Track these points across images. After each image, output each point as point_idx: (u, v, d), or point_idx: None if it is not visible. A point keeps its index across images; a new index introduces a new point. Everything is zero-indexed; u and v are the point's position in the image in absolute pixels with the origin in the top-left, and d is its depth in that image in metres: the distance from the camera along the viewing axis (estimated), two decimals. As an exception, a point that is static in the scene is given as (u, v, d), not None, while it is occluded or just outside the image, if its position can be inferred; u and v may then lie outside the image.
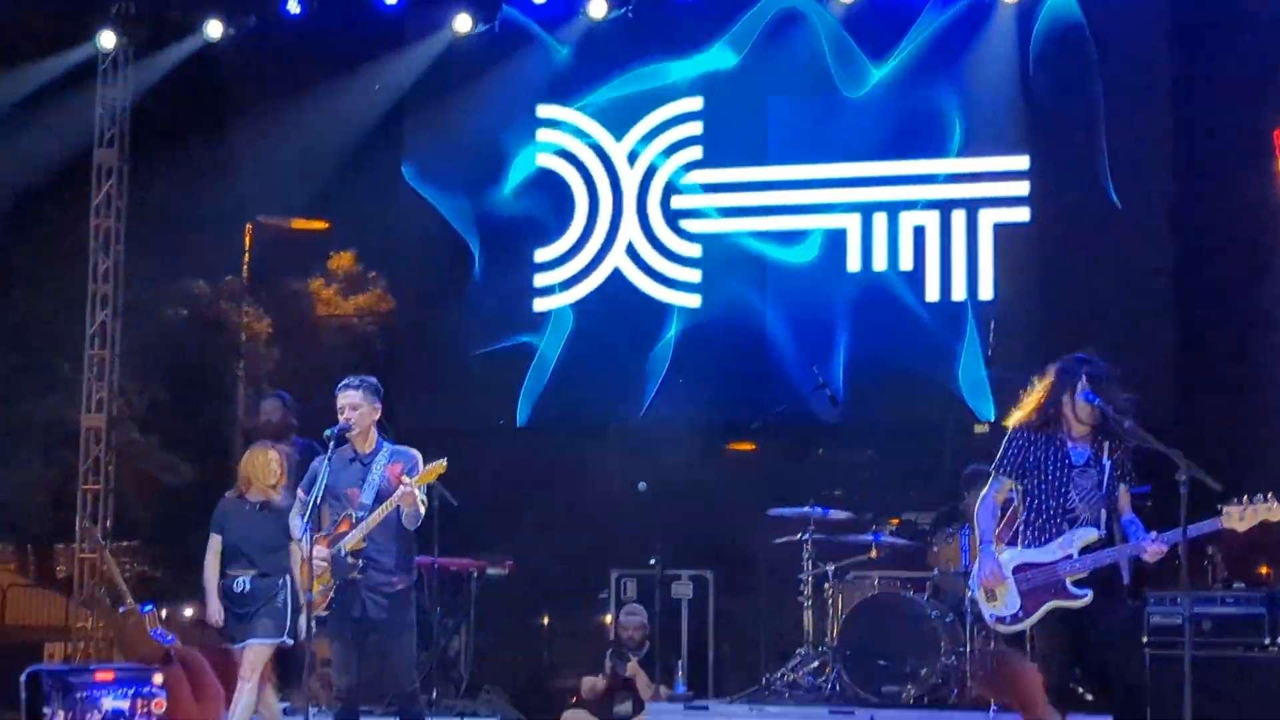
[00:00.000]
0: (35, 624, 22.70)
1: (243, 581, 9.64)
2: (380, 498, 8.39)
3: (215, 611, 9.82)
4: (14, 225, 17.51)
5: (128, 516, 17.38)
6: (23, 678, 1.88)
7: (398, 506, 8.32)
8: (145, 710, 1.70)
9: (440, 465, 8.51)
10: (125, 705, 1.70)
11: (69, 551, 17.15)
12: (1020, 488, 7.71)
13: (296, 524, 8.75)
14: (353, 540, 8.35)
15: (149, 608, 12.29)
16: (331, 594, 8.36)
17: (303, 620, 9.35)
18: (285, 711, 10.39)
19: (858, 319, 14.26)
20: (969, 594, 10.55)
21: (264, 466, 9.86)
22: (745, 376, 14.42)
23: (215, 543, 9.85)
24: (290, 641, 9.73)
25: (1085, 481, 7.54)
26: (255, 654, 9.51)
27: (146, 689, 1.70)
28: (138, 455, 18.58)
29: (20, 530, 23.90)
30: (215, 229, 20.02)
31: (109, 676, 1.68)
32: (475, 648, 12.47)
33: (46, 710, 1.76)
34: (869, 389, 14.09)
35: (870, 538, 11.94)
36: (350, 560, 8.34)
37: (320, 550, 8.36)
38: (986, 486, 7.83)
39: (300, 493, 8.73)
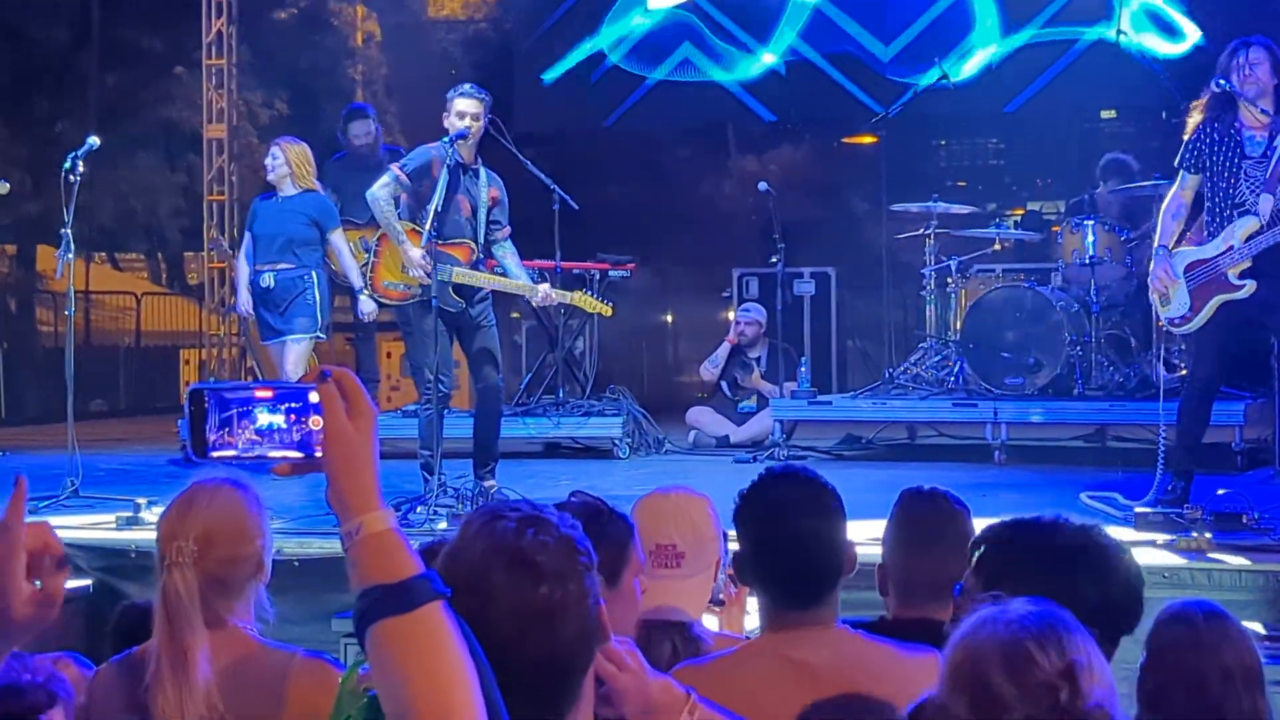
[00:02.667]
0: (171, 330, 23.23)
1: (269, 276, 9.62)
2: (483, 221, 8.32)
3: (244, 301, 9.96)
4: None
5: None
6: (186, 394, 1.97)
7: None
8: (302, 426, 1.75)
9: (606, 308, 8.53)
10: (281, 420, 1.76)
11: (199, 259, 17.43)
12: (1201, 182, 7.50)
13: (385, 207, 8.35)
14: (463, 278, 8.26)
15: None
16: (414, 299, 8.28)
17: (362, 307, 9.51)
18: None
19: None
20: (1094, 284, 10.50)
21: (310, 160, 9.82)
22: (863, 68, 14.14)
23: (247, 240, 9.94)
24: (324, 337, 9.78)
25: (1257, 172, 7.32)
26: (293, 353, 9.55)
27: (302, 406, 1.75)
28: (259, 164, 18.71)
29: (152, 238, 24.35)
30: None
31: (267, 394, 1.74)
32: (600, 348, 12.61)
33: (206, 424, 1.83)
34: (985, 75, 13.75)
35: (994, 230, 11.83)
36: (454, 296, 8.25)
37: (419, 255, 8.19)
38: (1175, 184, 7.64)
39: (398, 170, 8.51)
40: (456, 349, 8.61)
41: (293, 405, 2.07)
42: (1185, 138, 7.53)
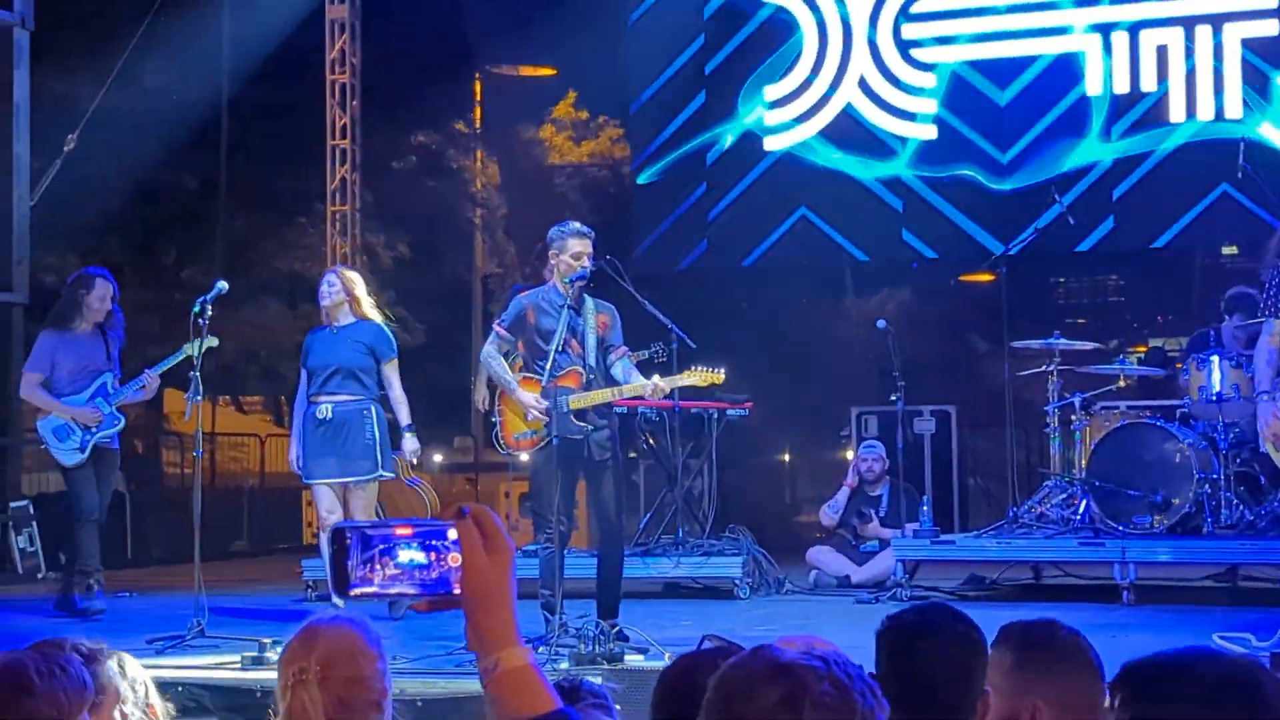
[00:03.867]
0: (293, 471, 23.41)
1: (327, 408, 9.30)
2: (597, 351, 8.37)
3: (294, 457, 9.65)
4: (251, 90, 17.86)
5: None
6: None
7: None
8: (441, 563, 1.77)
9: (718, 375, 8.50)
10: (420, 557, 1.77)
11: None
12: None
13: (495, 364, 8.46)
14: (581, 402, 8.32)
15: (398, 455, 12.62)
16: (544, 442, 8.30)
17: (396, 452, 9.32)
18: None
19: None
20: (1222, 420, 10.34)
21: (364, 287, 9.58)
22: (979, 206, 14.15)
23: (303, 379, 9.58)
24: (389, 475, 9.46)
25: None
26: (358, 499, 9.25)
27: (442, 543, 1.77)
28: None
29: (272, 380, 24.70)
30: (446, 79, 20.22)
31: (407, 531, 1.76)
32: (718, 487, 12.57)
33: (349, 562, 1.84)
34: (1108, 214, 13.72)
35: (1117, 367, 11.71)
36: (575, 422, 8.30)
37: (531, 398, 8.28)
38: (1263, 332, 7.55)
39: (500, 328, 8.57)
40: (580, 491, 8.64)
41: (432, 542, 2.08)
42: (1267, 282, 7.45)
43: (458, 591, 2.05)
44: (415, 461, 9.83)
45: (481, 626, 2.04)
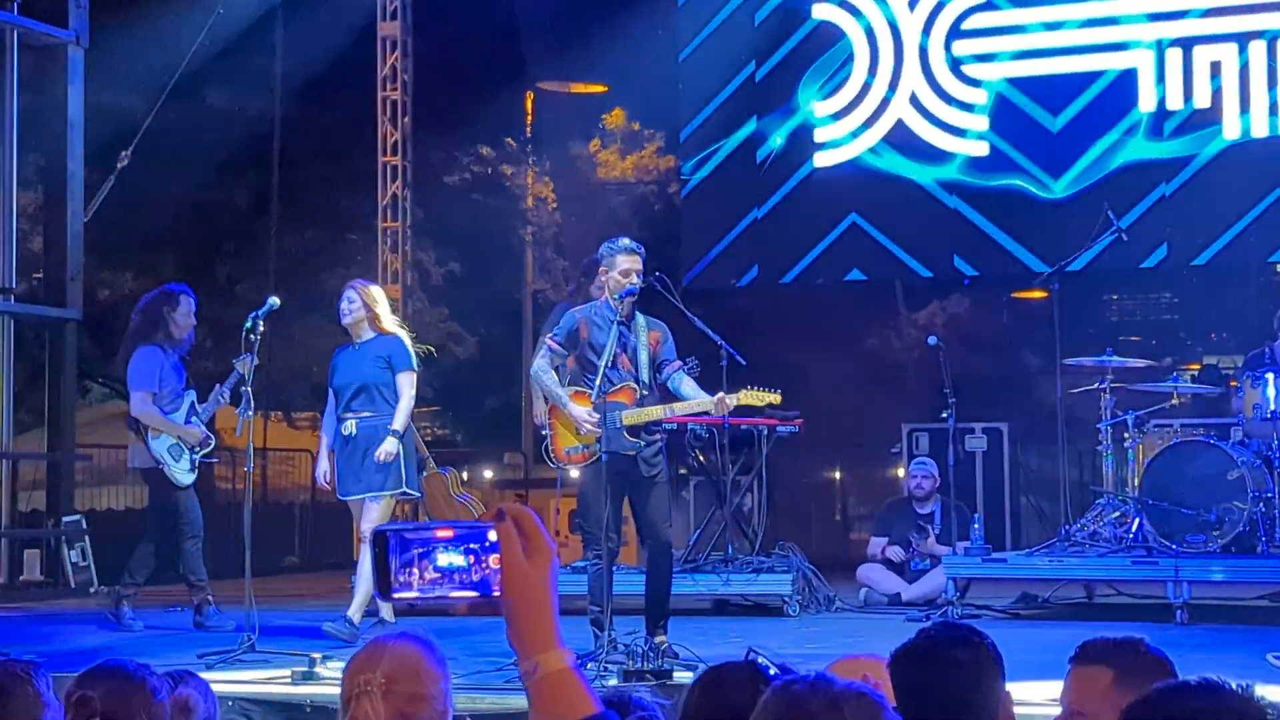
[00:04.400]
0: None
1: (351, 424, 9.38)
2: (650, 369, 8.37)
3: (322, 472, 9.70)
4: (303, 107, 17.94)
5: (419, 385, 17.85)
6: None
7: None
8: (481, 566, 1.76)
9: (775, 396, 8.48)
10: (461, 560, 1.76)
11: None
12: None
13: (545, 378, 8.51)
14: (633, 417, 8.32)
15: (448, 470, 12.65)
16: (594, 458, 8.29)
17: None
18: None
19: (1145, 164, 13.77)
20: (1276, 438, 10.25)
21: (385, 303, 9.64)
22: (1031, 223, 14.08)
23: (330, 399, 9.69)
24: (413, 494, 9.50)
25: None
26: (373, 511, 9.27)
27: (482, 546, 1.76)
28: (426, 327, 19.04)
29: (322, 396, 24.78)
30: (497, 95, 20.27)
31: (448, 534, 1.76)
32: (768, 504, 12.54)
33: (390, 565, 1.85)
34: (1160, 232, 13.63)
35: (1170, 384, 11.63)
36: (628, 437, 8.31)
37: (583, 411, 8.31)
38: None
39: (552, 342, 8.61)
40: (626, 506, 8.64)
41: (473, 545, 2.07)
42: None
43: (498, 594, 2.04)
44: (382, 459, 9.36)
45: (521, 629, 2.03)
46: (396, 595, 2.10)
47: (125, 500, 21.25)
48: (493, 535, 2.06)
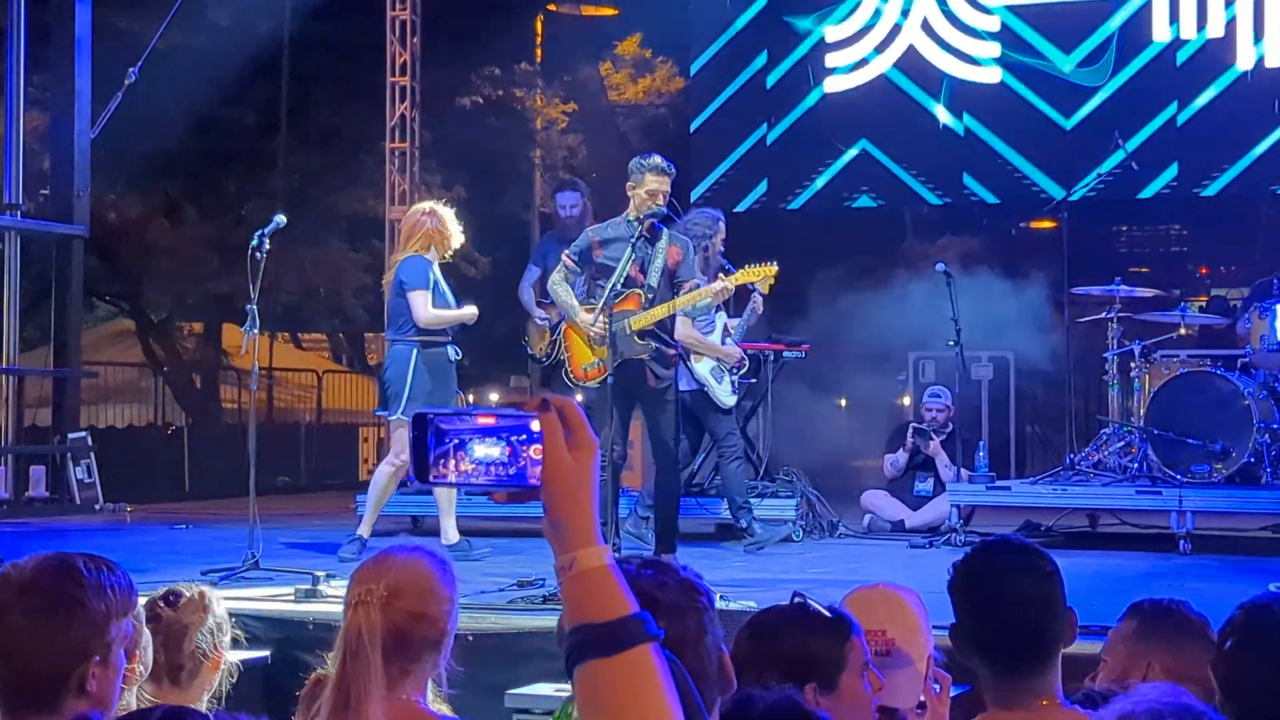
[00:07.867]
0: (351, 408, 23.60)
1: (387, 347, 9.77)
2: (662, 277, 8.37)
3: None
4: (312, 27, 17.82)
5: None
6: (410, 419, 1.97)
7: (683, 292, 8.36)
8: (519, 458, 1.74)
9: (770, 267, 8.45)
10: (501, 449, 1.73)
11: (380, 339, 17.70)
12: None
13: (561, 293, 8.66)
14: (642, 320, 8.32)
15: (456, 393, 12.65)
16: (611, 368, 8.27)
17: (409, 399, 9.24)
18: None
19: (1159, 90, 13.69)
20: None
21: (412, 224, 9.77)
22: (1044, 146, 14.02)
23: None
24: (392, 417, 9.54)
25: None
26: (399, 430, 9.59)
27: (524, 436, 1.74)
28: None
29: (334, 317, 24.79)
30: (508, 17, 20.14)
31: (489, 421, 1.73)
32: (773, 429, 12.53)
33: (428, 449, 1.82)
34: (1171, 157, 13.57)
35: (1178, 314, 11.59)
36: (639, 342, 8.32)
37: (589, 318, 8.32)
38: None
39: (568, 258, 8.63)
40: (634, 429, 8.66)
41: (514, 434, 2.02)
42: None
43: (537, 485, 2.00)
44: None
45: (560, 523, 1.98)
46: (433, 479, 2.05)
47: (129, 418, 21.34)
48: (535, 425, 2.01)
